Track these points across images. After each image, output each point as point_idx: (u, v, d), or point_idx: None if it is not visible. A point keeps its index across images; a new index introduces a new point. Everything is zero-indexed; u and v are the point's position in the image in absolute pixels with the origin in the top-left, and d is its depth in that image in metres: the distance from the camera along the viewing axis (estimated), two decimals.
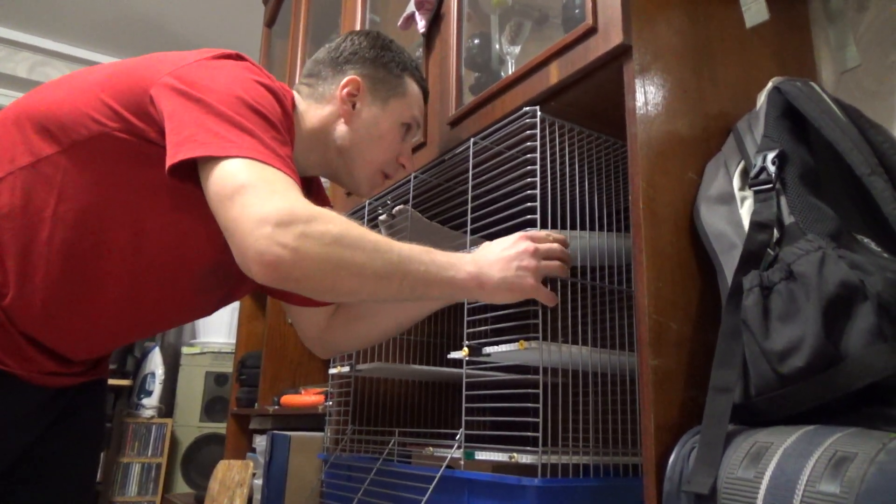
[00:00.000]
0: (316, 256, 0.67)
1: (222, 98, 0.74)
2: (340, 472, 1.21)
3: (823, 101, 0.75)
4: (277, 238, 0.65)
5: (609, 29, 0.83)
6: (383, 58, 1.00)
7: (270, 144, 0.73)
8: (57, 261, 0.79)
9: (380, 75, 0.99)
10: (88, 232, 0.79)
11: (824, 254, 0.62)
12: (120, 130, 0.77)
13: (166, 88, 0.75)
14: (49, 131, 0.78)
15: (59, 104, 0.79)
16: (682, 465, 0.65)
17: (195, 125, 0.72)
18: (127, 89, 0.78)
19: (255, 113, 0.75)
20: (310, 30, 2.09)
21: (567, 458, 0.83)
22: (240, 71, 0.80)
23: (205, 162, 0.71)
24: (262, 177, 0.69)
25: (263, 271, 0.66)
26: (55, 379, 0.86)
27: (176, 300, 0.91)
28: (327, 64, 1.00)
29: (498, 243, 0.86)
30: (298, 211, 0.68)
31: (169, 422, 3.27)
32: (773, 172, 0.71)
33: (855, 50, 0.92)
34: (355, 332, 1.10)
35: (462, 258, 0.82)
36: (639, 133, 0.80)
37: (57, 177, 0.77)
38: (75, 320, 0.83)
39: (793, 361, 0.61)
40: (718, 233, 0.76)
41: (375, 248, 0.72)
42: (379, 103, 0.98)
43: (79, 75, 0.83)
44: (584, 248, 0.96)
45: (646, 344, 0.73)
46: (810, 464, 0.53)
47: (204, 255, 0.88)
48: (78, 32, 3.39)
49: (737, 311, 0.67)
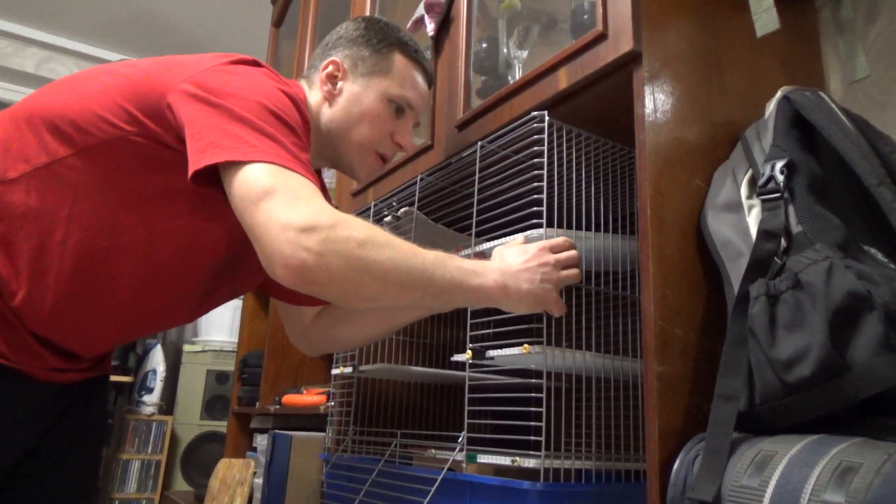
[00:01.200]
0: (340, 261, 0.68)
1: (243, 103, 0.74)
2: (341, 473, 1.21)
3: (832, 111, 0.76)
4: (302, 242, 0.66)
5: (619, 35, 0.84)
6: (366, 36, 0.99)
7: (292, 149, 0.74)
8: (70, 261, 0.79)
9: (362, 54, 0.98)
10: (102, 234, 0.79)
11: (832, 263, 0.63)
12: (136, 134, 0.77)
13: (185, 95, 0.75)
14: (63, 132, 0.78)
15: (73, 105, 0.78)
16: (686, 471, 0.65)
17: (217, 130, 0.72)
18: (143, 93, 0.78)
19: (276, 118, 0.75)
20: (318, 30, 2.10)
21: (570, 463, 0.83)
22: (260, 77, 0.80)
23: (228, 167, 0.71)
24: (286, 182, 0.70)
25: (289, 275, 0.67)
26: (61, 375, 0.87)
27: (186, 297, 0.91)
28: (318, 52, 1.01)
29: (517, 252, 0.85)
30: (323, 216, 0.68)
31: (169, 419, 3.27)
32: (781, 181, 0.71)
33: (864, 60, 0.93)
34: (337, 334, 1.09)
35: (486, 266, 0.82)
36: (647, 140, 0.80)
37: (72, 178, 0.77)
38: (85, 318, 0.83)
39: (799, 370, 0.61)
40: (725, 240, 0.76)
41: (400, 255, 0.73)
42: (360, 80, 0.97)
43: (91, 75, 0.82)
44: (590, 250, 0.96)
45: (651, 350, 0.73)
46: (815, 473, 0.53)
47: (218, 252, 0.88)
48: (86, 29, 3.40)
49: (743, 319, 0.67)
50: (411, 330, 1.41)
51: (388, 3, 1.70)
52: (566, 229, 0.93)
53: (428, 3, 1.28)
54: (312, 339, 1.11)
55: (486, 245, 0.99)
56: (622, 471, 0.88)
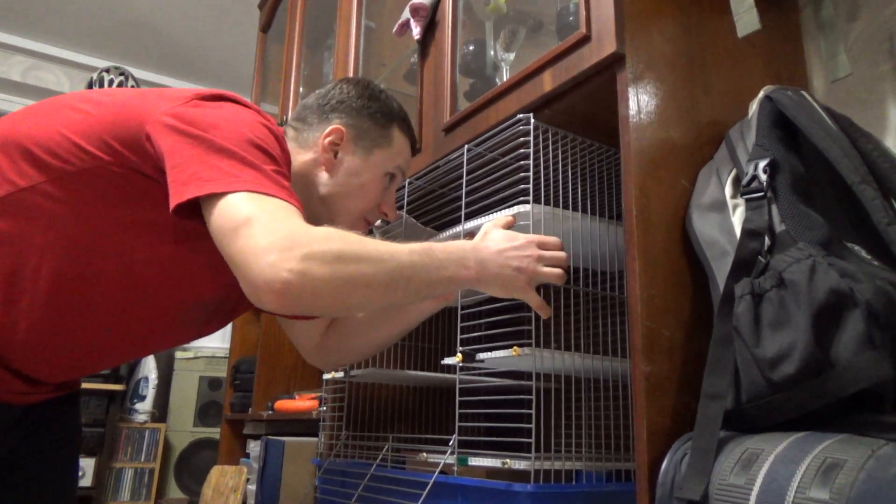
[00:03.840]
0: (322, 276, 0.67)
1: (223, 134, 0.74)
2: (334, 478, 1.21)
3: (814, 110, 0.76)
4: (282, 264, 0.65)
5: (602, 37, 0.84)
6: (370, 108, 0.99)
7: (273, 176, 0.73)
8: (44, 288, 0.77)
9: (364, 125, 0.98)
10: (77, 261, 0.78)
11: (815, 262, 0.63)
12: (113, 164, 0.76)
13: (164, 126, 0.75)
14: (39, 159, 0.76)
15: (51, 133, 0.77)
16: (674, 471, 0.65)
17: (198, 163, 0.71)
18: (121, 123, 0.77)
19: (256, 148, 0.75)
20: (305, 35, 2.10)
21: (560, 464, 0.83)
22: (240, 110, 0.80)
23: (208, 199, 0.70)
24: (265, 208, 0.69)
25: (274, 299, 0.66)
26: (23, 397, 0.85)
27: (164, 329, 0.90)
28: (314, 110, 1.00)
29: (502, 237, 0.86)
30: (298, 234, 0.68)
31: (162, 427, 3.25)
32: (764, 180, 0.72)
33: (846, 59, 0.93)
34: (351, 346, 1.11)
35: (463, 251, 0.83)
36: (632, 141, 0.80)
37: (47, 205, 0.76)
38: (60, 346, 0.82)
39: (784, 368, 0.61)
40: (710, 240, 0.77)
41: (379, 258, 0.73)
42: (362, 153, 0.97)
43: (68, 104, 0.81)
44: (577, 230, 0.96)
45: (638, 350, 0.74)
46: (801, 470, 0.54)
47: (200, 284, 0.87)
48: (72, 36, 3.38)
49: (728, 318, 0.67)
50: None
51: (374, 9, 1.70)
52: (554, 207, 0.93)
53: (413, 7, 1.28)
54: (327, 353, 1.12)
55: (474, 222, 1.00)
56: (612, 471, 0.88)
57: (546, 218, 0.91)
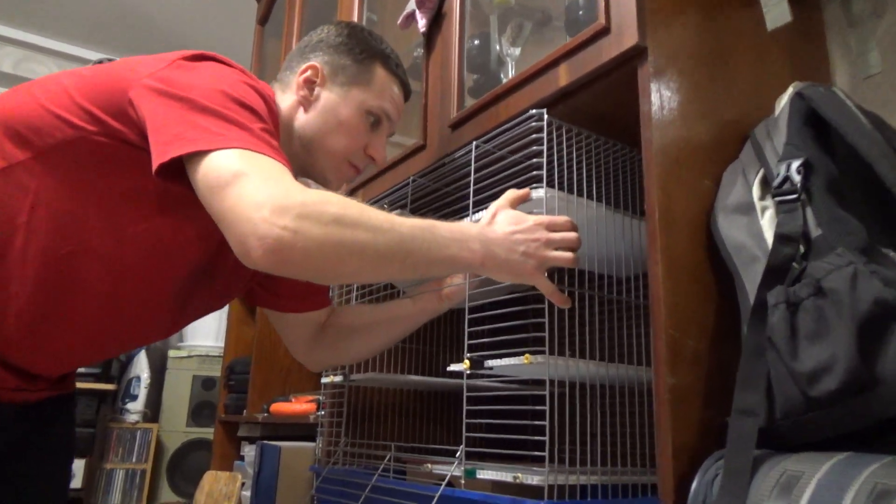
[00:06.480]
0: (316, 237, 0.65)
1: (206, 94, 0.72)
2: (333, 487, 1.16)
3: (848, 108, 0.72)
4: (276, 221, 0.63)
5: (623, 29, 0.80)
6: (348, 44, 0.96)
7: (260, 134, 0.72)
8: (32, 270, 0.75)
9: (342, 62, 0.95)
10: (66, 239, 0.75)
11: (856, 269, 0.59)
12: (97, 134, 0.74)
13: (147, 89, 0.73)
14: (21, 136, 0.74)
15: (31, 108, 0.75)
16: (704, 493, 0.61)
17: (181, 123, 0.70)
18: (104, 91, 0.75)
19: (241, 106, 0.73)
20: (303, 28, 2.05)
21: (575, 478, 0.79)
22: (223, 69, 0.79)
23: (194, 158, 0.68)
24: (255, 165, 0.67)
25: (265, 256, 0.64)
26: (17, 394, 0.82)
27: (159, 307, 0.87)
28: (296, 54, 0.98)
29: (510, 218, 0.82)
30: (294, 193, 0.66)
31: (154, 427, 3.20)
32: (798, 182, 0.67)
33: (878, 55, 0.89)
34: (346, 348, 1.07)
35: (468, 233, 0.79)
36: (654, 138, 0.76)
37: (32, 183, 0.74)
38: (51, 332, 0.79)
39: (824, 384, 0.57)
40: (738, 244, 0.72)
41: (378, 227, 0.70)
42: (338, 89, 0.94)
43: (49, 79, 0.79)
44: (591, 220, 0.91)
45: (662, 361, 0.69)
46: (849, 497, 0.49)
47: (190, 255, 0.84)
48: (65, 27, 3.32)
49: (761, 328, 0.63)
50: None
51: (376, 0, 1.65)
52: (568, 194, 0.89)
53: None
54: (319, 353, 1.08)
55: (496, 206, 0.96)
56: (629, 485, 0.84)
57: (560, 205, 0.87)
